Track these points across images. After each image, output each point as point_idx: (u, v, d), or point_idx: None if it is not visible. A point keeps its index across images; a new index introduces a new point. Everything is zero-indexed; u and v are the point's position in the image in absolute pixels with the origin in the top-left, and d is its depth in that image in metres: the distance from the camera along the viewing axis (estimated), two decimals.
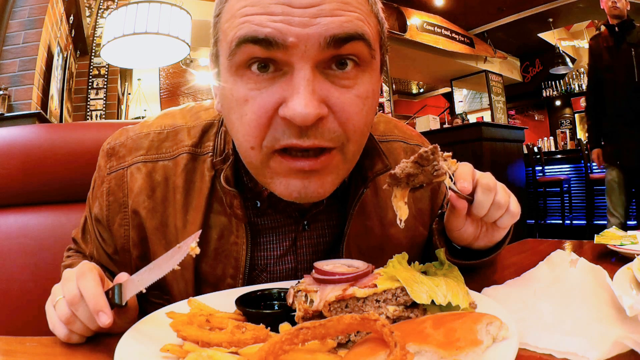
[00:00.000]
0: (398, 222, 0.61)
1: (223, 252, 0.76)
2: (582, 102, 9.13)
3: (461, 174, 0.63)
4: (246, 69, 0.59)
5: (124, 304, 0.56)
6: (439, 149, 0.60)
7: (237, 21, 0.57)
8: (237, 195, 0.72)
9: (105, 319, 0.54)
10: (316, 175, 0.61)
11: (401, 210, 0.61)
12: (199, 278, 0.76)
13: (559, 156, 7.12)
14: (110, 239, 0.79)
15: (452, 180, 0.62)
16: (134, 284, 0.57)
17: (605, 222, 3.68)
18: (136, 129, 0.81)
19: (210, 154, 0.76)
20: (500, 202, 0.65)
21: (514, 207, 0.67)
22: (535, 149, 6.56)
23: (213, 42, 0.66)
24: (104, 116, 4.55)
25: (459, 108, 9.81)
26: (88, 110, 4.57)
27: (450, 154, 0.62)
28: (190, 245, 0.53)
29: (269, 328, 0.53)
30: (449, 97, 10.27)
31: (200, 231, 0.56)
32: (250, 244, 0.75)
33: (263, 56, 0.57)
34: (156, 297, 0.78)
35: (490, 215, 0.66)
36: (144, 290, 0.56)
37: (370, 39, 0.60)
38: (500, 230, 0.71)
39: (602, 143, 3.60)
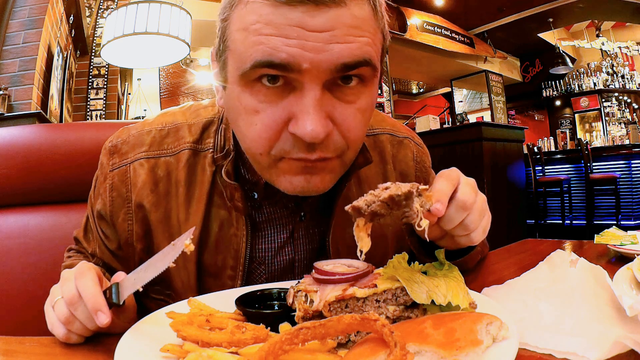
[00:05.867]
0: (358, 253, 0.55)
1: (223, 243, 0.78)
2: (582, 102, 9.14)
3: (437, 193, 0.57)
4: (256, 82, 0.60)
5: (121, 303, 0.56)
6: (416, 191, 0.53)
7: (250, 39, 0.58)
8: (239, 188, 0.75)
9: (104, 318, 0.54)
10: (318, 173, 0.66)
11: (362, 242, 0.55)
12: (201, 269, 0.78)
13: (559, 156, 7.13)
14: (113, 234, 0.81)
15: (421, 217, 0.54)
16: (130, 282, 0.57)
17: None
18: (137, 127, 0.83)
19: (211, 150, 0.79)
20: (468, 225, 0.61)
21: (479, 234, 0.64)
22: (535, 149, 6.56)
23: (220, 44, 0.65)
24: (104, 116, 4.55)
25: (459, 108, 9.80)
26: (88, 110, 4.57)
27: (427, 187, 0.56)
28: (184, 243, 0.53)
29: (269, 328, 0.53)
30: (449, 97, 10.26)
31: (194, 228, 0.58)
32: (250, 236, 0.78)
33: (275, 74, 0.59)
34: (157, 292, 0.80)
35: (454, 231, 0.63)
36: (141, 289, 0.56)
37: (376, 61, 0.62)
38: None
39: None
